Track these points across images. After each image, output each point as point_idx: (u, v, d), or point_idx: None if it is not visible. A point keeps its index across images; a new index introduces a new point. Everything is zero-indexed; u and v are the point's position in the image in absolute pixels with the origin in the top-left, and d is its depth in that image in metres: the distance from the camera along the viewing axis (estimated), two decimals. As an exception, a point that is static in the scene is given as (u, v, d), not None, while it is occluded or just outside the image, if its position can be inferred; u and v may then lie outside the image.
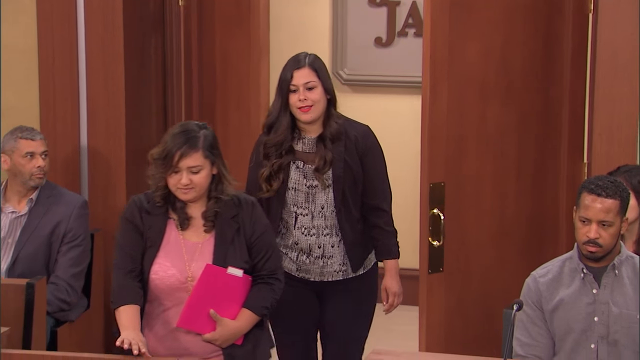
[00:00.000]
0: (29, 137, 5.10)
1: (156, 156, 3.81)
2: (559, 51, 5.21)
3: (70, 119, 5.59)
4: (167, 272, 3.82)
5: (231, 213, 3.88)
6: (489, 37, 5.08)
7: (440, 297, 5.13)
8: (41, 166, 5.06)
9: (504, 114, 5.15)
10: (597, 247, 3.88)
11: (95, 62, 5.54)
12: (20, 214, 5.09)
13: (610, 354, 3.93)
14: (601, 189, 3.89)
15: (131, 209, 3.93)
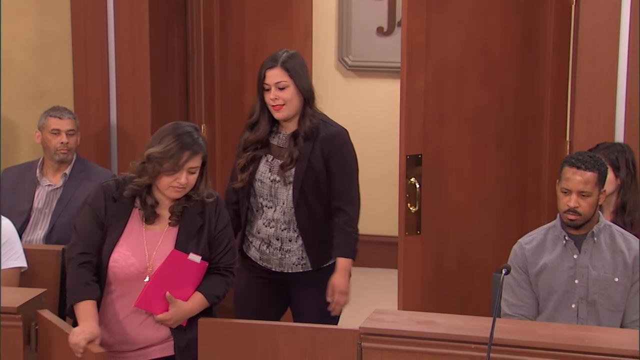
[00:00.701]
0: (57, 115, 5.14)
1: (158, 155, 3.64)
2: (542, 39, 5.22)
3: (101, 100, 5.61)
4: (127, 261, 3.68)
5: (198, 209, 3.76)
6: (469, 25, 5.16)
7: (417, 257, 5.25)
8: (64, 142, 5.09)
9: (483, 95, 5.24)
10: (577, 215, 3.92)
11: (123, 48, 5.55)
12: (56, 187, 5.12)
13: (589, 313, 3.96)
14: (581, 163, 3.93)
15: (97, 197, 3.78)
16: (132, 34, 5.53)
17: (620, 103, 5.03)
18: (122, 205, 3.73)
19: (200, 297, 3.73)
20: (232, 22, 5.74)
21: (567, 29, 5.19)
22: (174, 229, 3.75)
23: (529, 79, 5.24)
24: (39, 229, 5.04)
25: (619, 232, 4.03)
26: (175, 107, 5.75)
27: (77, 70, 5.63)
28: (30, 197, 5.10)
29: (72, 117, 5.16)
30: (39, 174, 5.15)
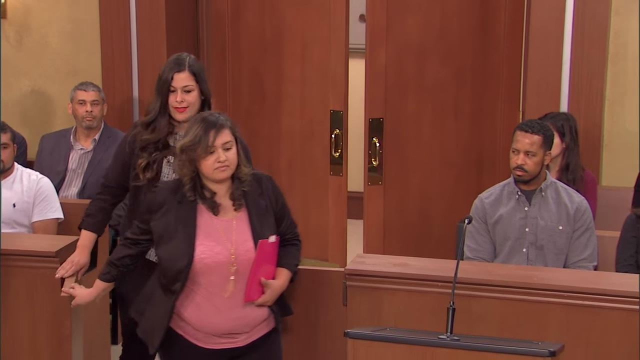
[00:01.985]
0: (83, 88, 5.14)
1: (188, 144, 3.21)
2: (497, 22, 5.25)
3: (125, 76, 5.58)
4: (213, 250, 3.21)
5: (257, 191, 3.32)
6: (427, 10, 5.23)
7: (379, 206, 5.33)
8: (89, 111, 5.08)
9: (441, 71, 5.30)
10: (523, 172, 3.94)
11: (144, 32, 5.52)
12: (87, 150, 5.12)
13: (537, 256, 3.98)
14: (528, 127, 3.98)
15: (162, 194, 3.33)
16: (151, 20, 5.49)
17: (565, 78, 5.04)
18: (187, 205, 3.27)
19: (285, 271, 3.34)
20: (250, 6, 5.62)
21: (520, 13, 5.20)
22: (243, 215, 3.30)
23: (484, 57, 5.28)
24: (73, 186, 5.05)
25: (563, 188, 4.05)
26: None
27: (105, 51, 5.59)
28: (66, 160, 5.10)
29: (96, 89, 5.15)
30: (72, 140, 5.15)
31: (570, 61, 5.01)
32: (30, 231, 4.36)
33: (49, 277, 3.66)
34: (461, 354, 2.51)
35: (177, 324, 3.28)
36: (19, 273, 3.68)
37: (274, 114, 5.64)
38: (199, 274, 3.23)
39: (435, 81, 5.28)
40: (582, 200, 4.02)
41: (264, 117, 5.67)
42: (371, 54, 5.25)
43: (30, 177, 4.40)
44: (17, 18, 5.66)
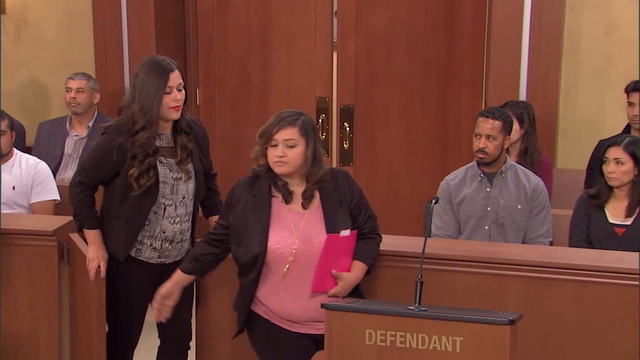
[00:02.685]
0: (71, 77, 5.12)
1: (260, 132, 3.18)
2: (460, 17, 5.29)
3: (117, 67, 5.54)
4: (287, 240, 3.14)
5: (332, 186, 3.21)
6: (395, 6, 5.28)
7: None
8: (72, 97, 5.05)
9: (408, 62, 5.35)
10: (485, 154, 3.96)
11: (134, 26, 5.48)
12: (82, 137, 5.09)
13: (498, 233, 4.00)
14: (490, 113, 4.01)
15: (235, 194, 3.25)
16: (140, 14, 5.45)
17: (524, 69, 5.06)
18: (262, 197, 3.19)
19: (360, 264, 3.21)
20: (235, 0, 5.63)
21: (482, 10, 5.21)
22: (317, 209, 3.20)
23: (449, 50, 5.30)
24: (69, 169, 5.02)
25: (522, 170, 4.07)
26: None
27: (97, 44, 5.55)
28: (62, 145, 5.08)
29: (84, 79, 5.11)
30: (68, 127, 5.13)
31: (528, 54, 5.03)
32: (29, 212, 4.33)
33: (49, 254, 3.65)
34: (428, 323, 2.52)
35: (261, 309, 3.24)
36: (19, 250, 3.66)
37: (261, 102, 5.64)
38: (276, 264, 3.16)
39: (402, 71, 5.34)
40: (539, 181, 4.04)
41: (250, 105, 5.67)
42: (342, 46, 5.31)
43: (28, 162, 4.38)
44: (16, 13, 5.63)
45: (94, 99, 5.12)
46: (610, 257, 3.40)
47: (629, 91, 4.59)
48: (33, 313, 3.69)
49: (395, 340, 2.54)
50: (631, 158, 3.87)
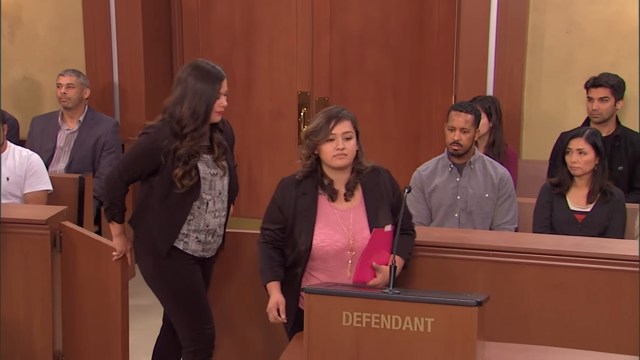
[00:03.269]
0: (62, 73, 5.08)
1: (311, 130, 3.08)
2: (431, 18, 5.31)
3: (106, 64, 5.52)
4: (332, 238, 3.08)
5: (374, 182, 3.15)
6: (368, 8, 5.31)
7: None
8: (62, 92, 5.01)
9: (381, 59, 5.38)
10: (459, 146, 3.96)
11: (122, 26, 5.46)
12: (73, 131, 5.05)
13: (467, 220, 4.00)
14: (462, 108, 3.99)
15: (280, 194, 3.19)
16: (128, 14, 5.43)
17: (490, 66, 5.07)
18: (309, 195, 3.13)
19: (398, 259, 3.07)
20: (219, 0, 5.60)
21: (452, 10, 5.22)
22: (360, 205, 3.14)
23: (421, 47, 5.32)
24: (61, 162, 4.99)
25: (489, 161, 4.07)
26: (160, 68, 5.66)
27: (88, 42, 5.53)
28: (54, 139, 5.04)
29: (74, 75, 5.07)
30: (60, 121, 5.09)
31: (495, 51, 5.04)
32: (23, 202, 4.30)
33: (42, 242, 3.64)
34: (401, 305, 2.52)
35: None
36: (14, 238, 3.65)
37: (244, 97, 5.66)
38: (319, 260, 3.11)
39: (375, 67, 5.38)
40: (505, 171, 4.05)
41: (234, 100, 5.64)
42: (317, 42, 5.34)
43: (21, 154, 4.34)
44: (10, 13, 5.60)
45: (84, 94, 5.08)
46: (570, 242, 3.42)
47: (588, 87, 4.61)
48: (28, 298, 3.68)
49: (370, 321, 2.54)
50: (593, 148, 3.90)
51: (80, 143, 4.99)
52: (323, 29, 5.36)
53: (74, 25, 5.54)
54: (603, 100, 4.54)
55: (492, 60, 5.05)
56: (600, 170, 3.92)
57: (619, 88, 4.57)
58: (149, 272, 3.38)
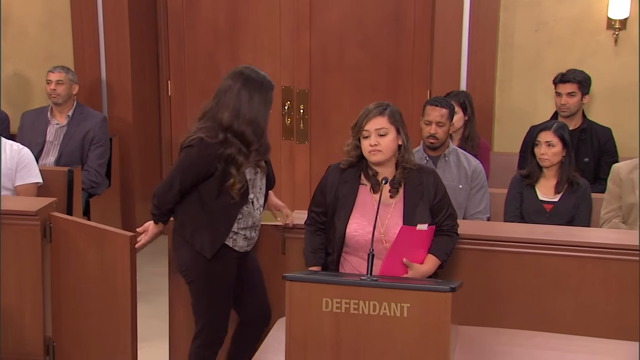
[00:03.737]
0: (51, 70, 5.03)
1: (353, 125, 3.08)
2: (407, 16, 5.33)
3: (94, 61, 5.48)
4: (365, 229, 3.02)
5: (417, 181, 3.08)
6: (346, 6, 5.34)
7: (306, 162, 5.51)
8: (52, 89, 4.96)
9: (359, 54, 5.41)
10: (435, 139, 3.97)
11: (109, 23, 5.41)
12: (62, 125, 5.02)
13: (441, 210, 4.02)
14: (437, 102, 4.01)
15: (325, 179, 3.16)
16: (115, 12, 5.38)
17: (464, 63, 5.09)
18: (351, 184, 3.09)
19: (432, 258, 3.08)
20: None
21: (428, 9, 5.23)
22: (399, 200, 3.07)
23: (398, 44, 5.33)
24: (50, 155, 4.95)
25: (463, 154, 4.09)
26: (147, 64, 5.63)
27: (76, 40, 5.48)
28: (44, 133, 5.00)
29: (63, 71, 5.02)
30: (49, 116, 5.05)
31: (468, 49, 5.06)
32: (14, 194, 4.27)
33: (32, 232, 3.61)
34: (378, 291, 2.52)
35: None
36: (6, 229, 3.61)
37: (230, 92, 5.63)
38: (353, 249, 3.08)
39: (354, 62, 5.40)
40: (478, 163, 4.06)
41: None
42: (298, 38, 5.38)
43: (12, 148, 4.30)
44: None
45: (72, 90, 5.04)
46: (540, 230, 3.44)
47: (556, 83, 4.64)
48: (19, 287, 3.66)
49: (349, 307, 2.54)
50: (560, 141, 3.92)
51: (69, 137, 4.95)
52: (304, 27, 5.37)
53: (63, 23, 5.49)
54: (570, 95, 4.57)
55: (465, 57, 5.07)
56: (568, 161, 3.94)
57: (585, 84, 4.60)
58: (187, 265, 3.28)
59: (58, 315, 3.72)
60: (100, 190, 5.04)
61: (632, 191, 3.90)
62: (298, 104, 5.45)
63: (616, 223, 3.91)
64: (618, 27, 4.89)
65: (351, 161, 3.11)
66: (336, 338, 2.54)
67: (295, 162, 5.56)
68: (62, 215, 3.69)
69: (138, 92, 5.50)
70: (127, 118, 5.45)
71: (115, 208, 5.36)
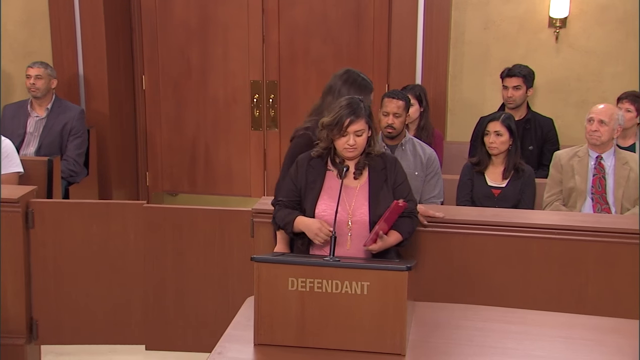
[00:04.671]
0: (30, 65, 4.95)
1: (327, 123, 3.02)
2: (368, 11, 5.30)
3: (72, 57, 5.38)
4: (332, 209, 2.97)
5: (380, 166, 3.08)
6: (312, 3, 5.32)
7: (276, 147, 5.51)
8: (32, 83, 4.88)
9: (323, 48, 5.39)
10: (392, 129, 3.97)
11: (86, 21, 5.31)
12: (42, 117, 4.94)
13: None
14: (394, 94, 4.01)
15: (294, 168, 3.14)
16: (91, 10, 5.29)
17: (419, 58, 5.10)
18: (318, 169, 3.08)
19: (397, 234, 3.06)
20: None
21: (386, 7, 5.23)
22: (364, 184, 3.07)
23: (358, 39, 5.33)
24: (31, 146, 4.88)
25: (418, 143, 4.09)
26: (121, 60, 5.55)
27: (54, 37, 5.38)
28: (24, 125, 4.92)
29: (42, 67, 4.94)
30: (29, 109, 4.97)
31: (423, 45, 5.07)
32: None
33: (14, 219, 3.57)
34: (340, 271, 2.53)
35: None
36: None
37: (200, 86, 5.62)
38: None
39: (318, 55, 5.39)
40: (432, 152, 4.08)
41: (191, 88, 5.63)
42: (266, 33, 5.36)
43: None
44: (-20, 10, 5.42)
45: (51, 85, 4.96)
46: (489, 213, 3.48)
47: (503, 77, 4.68)
48: (3, 271, 3.62)
49: (313, 286, 2.54)
50: (507, 130, 3.96)
51: (49, 129, 4.88)
52: (273, 22, 5.35)
53: (41, 21, 5.40)
54: (516, 88, 4.61)
55: (420, 53, 5.08)
56: (514, 150, 3.98)
57: (529, 77, 4.65)
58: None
59: (41, 296, 3.69)
60: (79, 179, 4.97)
61: (572, 176, 3.95)
62: (268, 93, 5.43)
63: (557, 206, 3.96)
64: (559, 25, 4.94)
65: (321, 152, 3.09)
66: (301, 315, 2.54)
67: (267, 148, 5.57)
68: (43, 200, 3.66)
69: (114, 86, 5.43)
70: (104, 110, 5.38)
71: (93, 195, 5.29)
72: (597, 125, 3.88)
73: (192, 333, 3.66)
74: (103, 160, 5.39)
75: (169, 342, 3.69)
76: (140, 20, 5.58)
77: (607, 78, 4.98)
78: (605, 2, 4.92)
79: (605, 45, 4.95)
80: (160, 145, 5.73)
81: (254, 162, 5.62)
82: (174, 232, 3.61)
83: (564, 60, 4.98)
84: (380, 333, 2.51)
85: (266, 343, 2.56)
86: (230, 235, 3.57)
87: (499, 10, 5.03)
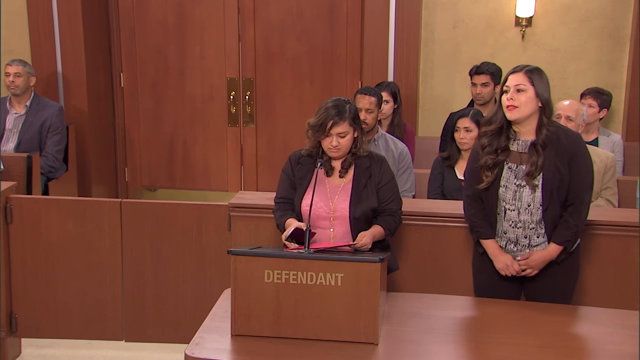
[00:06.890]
0: (9, 63, 4.88)
1: (312, 124, 3.02)
2: (341, 11, 5.31)
3: (50, 55, 5.32)
4: (316, 205, 3.00)
5: (365, 165, 3.07)
6: (287, 1, 5.31)
7: (252, 143, 5.51)
8: (10, 81, 4.81)
9: (298, 46, 5.37)
10: (365, 125, 3.95)
11: (64, 20, 5.25)
12: (20, 114, 4.87)
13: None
14: (366, 91, 4.01)
15: (288, 165, 3.15)
16: (69, 9, 5.23)
17: (391, 56, 5.11)
18: (306, 166, 3.08)
19: (379, 227, 3.03)
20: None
21: (358, 6, 5.23)
22: (348, 182, 3.07)
23: (332, 38, 5.33)
24: (10, 142, 4.81)
25: (391, 138, 4.10)
26: (100, 57, 5.50)
27: (33, 35, 5.32)
28: (3, 121, 4.86)
29: (21, 64, 4.88)
30: (8, 106, 4.90)
31: (394, 43, 5.08)
32: (-25, 179, 4.13)
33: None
34: (315, 263, 2.53)
35: None
36: (-33, 212, 3.51)
37: (178, 83, 5.58)
38: (305, 218, 2.99)
39: (293, 54, 5.37)
40: (404, 147, 4.09)
41: (169, 85, 5.58)
42: (243, 31, 5.34)
43: (-27, 136, 4.16)
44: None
45: (30, 82, 4.89)
46: (459, 206, 3.48)
47: (472, 74, 4.69)
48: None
49: (289, 278, 2.54)
50: (477, 126, 3.97)
51: (28, 125, 4.81)
52: (248, 21, 5.33)
53: (20, 20, 5.32)
54: (484, 85, 4.63)
55: (392, 51, 5.09)
56: (483, 144, 3.99)
57: (497, 75, 4.67)
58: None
59: (20, 290, 3.64)
60: (58, 175, 4.91)
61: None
62: (244, 90, 5.42)
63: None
64: (525, 24, 4.97)
65: (311, 151, 3.10)
66: (277, 306, 2.54)
67: (244, 144, 5.55)
68: (21, 196, 3.60)
69: (93, 83, 5.38)
70: (82, 107, 5.32)
71: (72, 191, 5.23)
72: (565, 122, 3.91)
73: (171, 325, 3.64)
74: (82, 156, 5.33)
75: (147, 333, 3.66)
76: (118, 18, 5.54)
77: (571, 75, 5.02)
78: (569, 2, 4.96)
79: (568, 44, 5.00)
80: (139, 142, 5.69)
81: (231, 158, 5.60)
82: (152, 227, 3.58)
83: (531, 58, 5.01)
84: (354, 323, 2.51)
85: (243, 334, 2.56)
86: (208, 229, 3.55)
87: (467, 10, 5.05)
